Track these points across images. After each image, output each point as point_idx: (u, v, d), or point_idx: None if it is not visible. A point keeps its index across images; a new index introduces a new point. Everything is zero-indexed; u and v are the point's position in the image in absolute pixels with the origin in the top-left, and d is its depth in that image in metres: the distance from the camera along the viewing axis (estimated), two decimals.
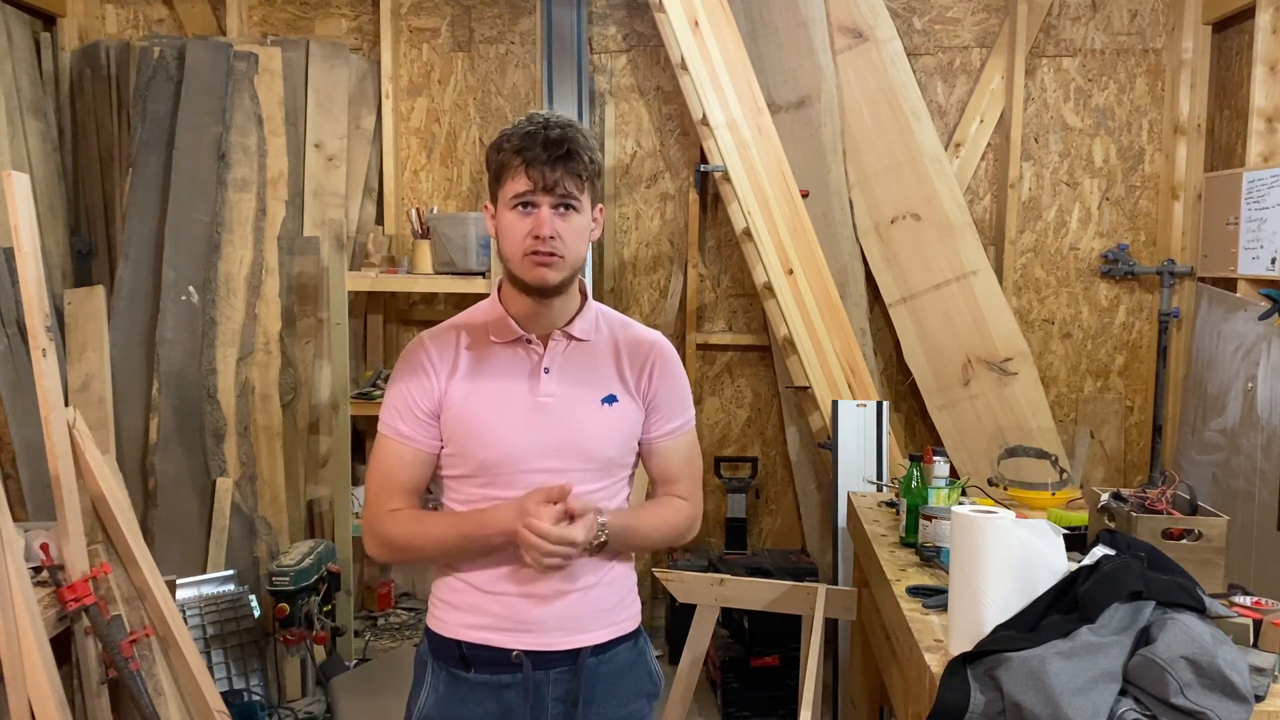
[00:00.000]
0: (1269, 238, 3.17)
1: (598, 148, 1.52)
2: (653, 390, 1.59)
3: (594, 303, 1.63)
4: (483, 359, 1.55)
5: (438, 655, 1.58)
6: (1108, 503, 2.00)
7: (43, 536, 2.27)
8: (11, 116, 3.53)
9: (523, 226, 1.47)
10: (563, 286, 1.53)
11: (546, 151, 1.44)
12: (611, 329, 1.62)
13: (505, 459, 1.51)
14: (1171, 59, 3.76)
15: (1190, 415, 3.63)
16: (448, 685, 1.56)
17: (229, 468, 3.47)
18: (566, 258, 1.48)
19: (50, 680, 2.11)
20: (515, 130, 1.49)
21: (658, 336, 1.65)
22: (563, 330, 1.56)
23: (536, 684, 1.53)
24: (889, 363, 3.95)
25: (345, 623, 3.53)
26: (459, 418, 1.52)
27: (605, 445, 1.55)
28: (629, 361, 1.59)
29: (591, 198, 1.52)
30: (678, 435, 1.63)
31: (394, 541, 1.53)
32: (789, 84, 3.73)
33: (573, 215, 1.48)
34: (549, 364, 1.54)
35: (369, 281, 3.65)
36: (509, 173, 1.47)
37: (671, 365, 1.62)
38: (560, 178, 1.45)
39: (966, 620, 1.51)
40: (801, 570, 3.46)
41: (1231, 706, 1.34)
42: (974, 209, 3.87)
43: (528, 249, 1.46)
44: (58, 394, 2.22)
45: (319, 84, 3.83)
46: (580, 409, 1.54)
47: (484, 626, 1.53)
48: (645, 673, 1.65)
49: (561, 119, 1.49)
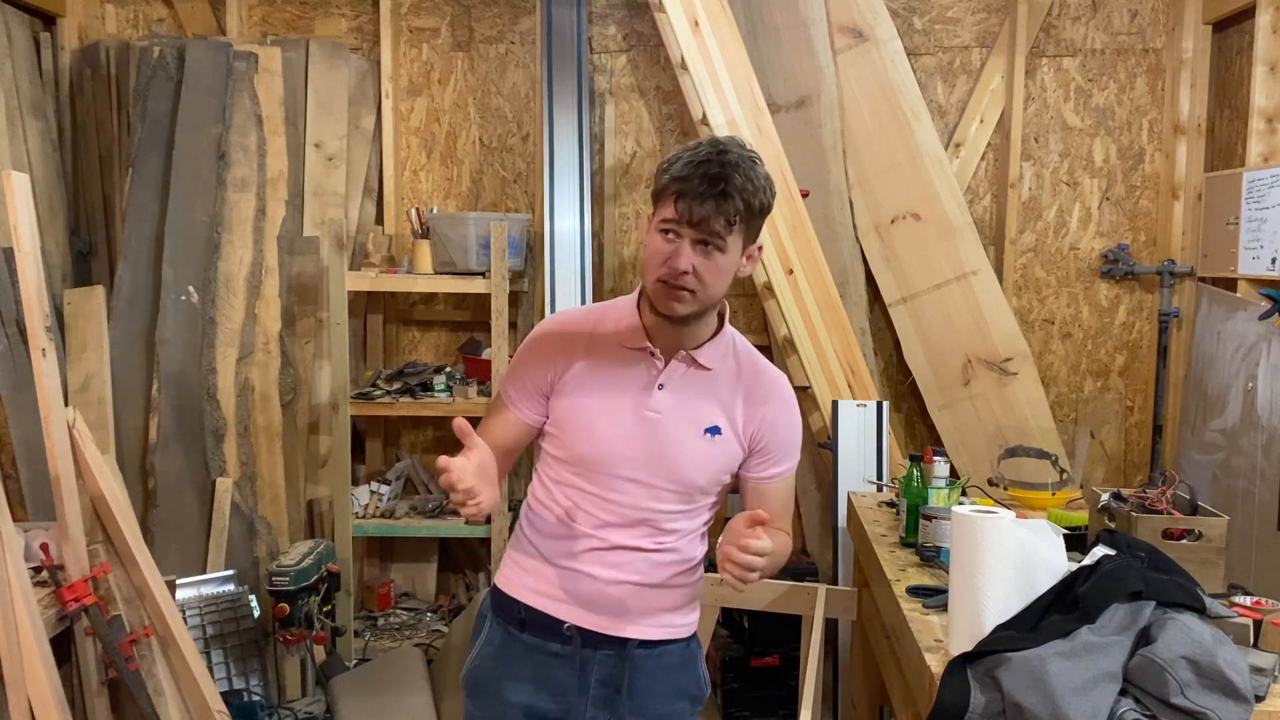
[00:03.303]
0: (1269, 238, 3.17)
1: (766, 185, 1.47)
2: (764, 431, 1.59)
3: (731, 331, 1.62)
4: (605, 357, 1.57)
5: (498, 612, 1.65)
6: (1108, 503, 2.00)
7: (43, 536, 2.27)
8: (11, 116, 3.53)
9: (663, 252, 1.46)
10: (691, 319, 1.53)
11: (703, 186, 1.42)
12: (739, 362, 1.61)
13: (600, 459, 1.55)
14: (1171, 59, 3.76)
15: (1190, 415, 3.63)
16: (503, 641, 1.62)
17: (229, 468, 3.47)
18: (699, 294, 1.47)
19: (50, 680, 2.11)
20: (684, 154, 1.47)
21: (781, 378, 1.64)
22: (689, 353, 1.56)
23: (584, 660, 1.58)
24: (889, 363, 3.94)
25: (345, 623, 3.53)
26: (568, 408, 1.57)
27: (697, 474, 1.56)
28: (745, 398, 1.59)
29: (745, 237, 1.48)
30: (782, 479, 1.64)
31: None
32: (789, 84, 3.73)
33: (715, 254, 1.45)
34: (664, 381, 1.55)
35: (369, 281, 3.65)
36: (664, 197, 1.46)
37: (789, 409, 1.63)
38: (708, 216, 1.42)
39: (966, 620, 1.51)
40: (801, 570, 3.45)
41: (1231, 706, 1.34)
42: (974, 209, 3.87)
43: (661, 276, 1.46)
44: (58, 394, 2.22)
45: (319, 84, 3.83)
46: (681, 433, 1.55)
47: (543, 593, 1.59)
48: (694, 676, 1.68)
49: (731, 156, 1.44)
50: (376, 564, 4.08)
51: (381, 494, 3.79)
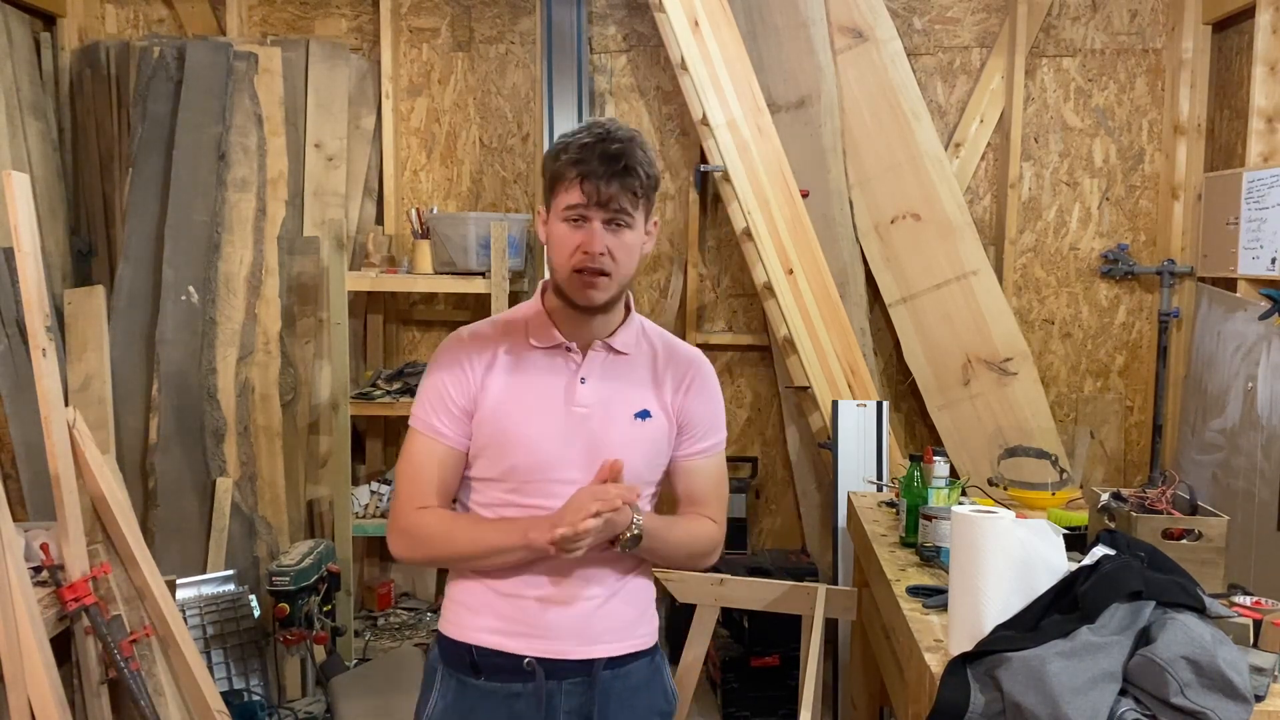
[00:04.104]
0: (1269, 238, 3.17)
1: (657, 160, 1.49)
2: (688, 408, 1.57)
3: (637, 316, 1.61)
4: (520, 361, 1.53)
5: (448, 661, 1.55)
6: (1108, 503, 2.00)
7: (43, 536, 2.27)
8: (11, 116, 3.53)
9: (573, 240, 1.44)
10: (609, 305, 1.51)
11: (604, 166, 1.41)
12: (653, 344, 1.60)
13: (535, 466, 1.49)
14: (1171, 59, 3.76)
15: (1190, 415, 3.63)
16: (457, 693, 1.53)
17: (229, 468, 3.47)
18: (615, 275, 1.46)
19: (50, 680, 2.11)
20: (574, 139, 1.45)
21: (698, 354, 1.63)
22: (604, 341, 1.54)
23: (549, 694, 1.49)
24: (889, 363, 3.94)
25: (345, 623, 3.53)
26: (492, 419, 1.50)
27: (635, 459, 1.52)
28: (667, 377, 1.57)
29: (646, 212, 1.49)
30: (709, 455, 1.61)
31: (420, 541, 1.51)
32: (789, 84, 3.73)
33: (625, 232, 1.45)
34: (586, 374, 1.52)
35: (369, 281, 3.65)
36: (564, 184, 1.44)
37: (709, 385, 1.61)
38: (615, 194, 1.42)
39: (966, 620, 1.51)
40: (801, 570, 3.45)
41: (1231, 706, 1.34)
42: (974, 209, 3.87)
43: (576, 264, 1.44)
44: (58, 394, 2.22)
45: (319, 84, 3.83)
46: (613, 422, 1.52)
47: (497, 630, 1.50)
48: (661, 691, 1.62)
49: (623, 131, 1.45)
50: (376, 564, 4.08)
51: (381, 494, 3.79)
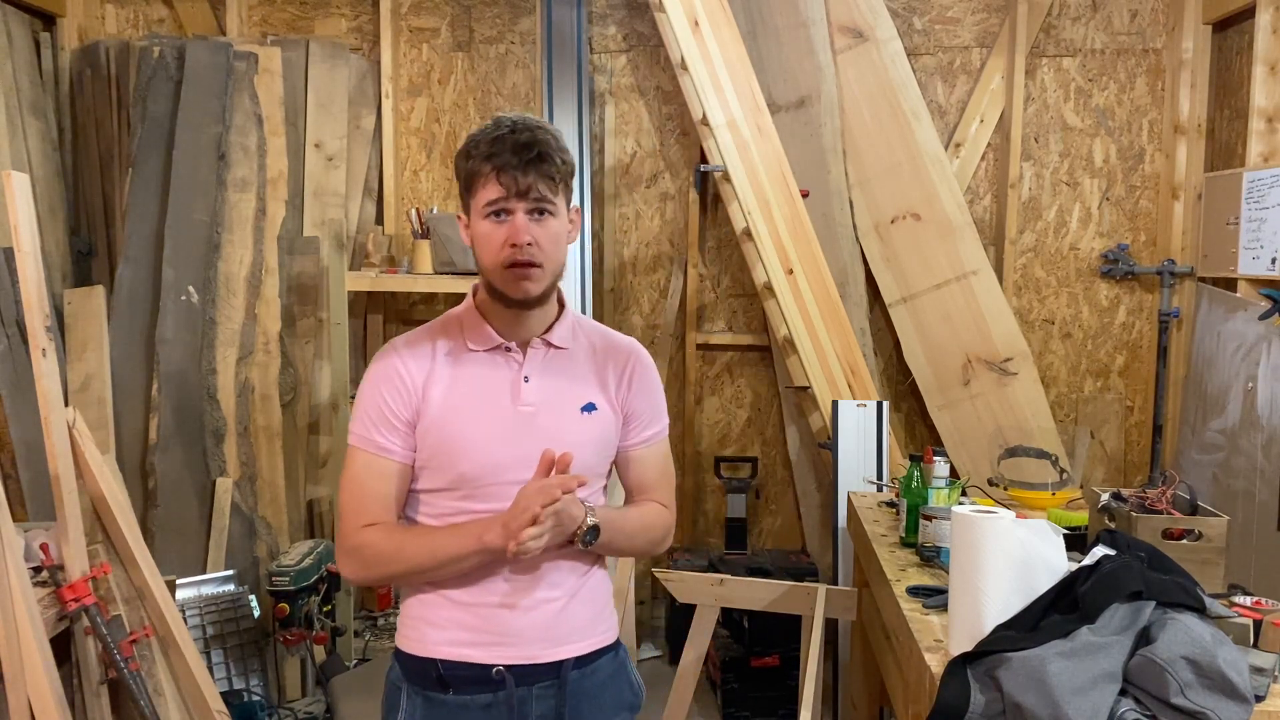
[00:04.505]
0: (1269, 238, 3.17)
1: (568, 147, 1.48)
2: (631, 397, 1.57)
3: (571, 310, 1.60)
4: (460, 367, 1.51)
5: (412, 679, 1.51)
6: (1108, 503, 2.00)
7: (43, 536, 2.27)
8: (11, 116, 3.53)
9: (499, 235, 1.42)
10: (544, 297, 1.49)
11: (517, 156, 1.40)
12: (589, 336, 1.59)
13: (485, 470, 1.46)
14: (1171, 59, 3.76)
15: (1190, 415, 3.63)
16: (425, 711, 1.49)
17: (229, 468, 3.47)
18: (546, 266, 1.45)
19: (50, 680, 2.11)
20: (483, 136, 1.44)
21: (635, 344, 1.63)
22: (542, 338, 1.53)
23: (520, 701, 1.48)
24: (889, 363, 3.94)
25: (345, 623, 3.53)
26: (437, 427, 1.47)
27: (586, 453, 1.50)
28: (608, 368, 1.57)
29: (566, 199, 1.48)
30: (654, 443, 1.61)
31: (369, 558, 1.47)
32: (789, 84, 3.73)
33: (549, 220, 1.44)
34: (529, 373, 1.51)
35: (369, 281, 3.65)
36: (480, 180, 1.43)
37: (649, 373, 1.61)
38: (533, 182, 1.41)
39: (966, 620, 1.51)
40: (801, 570, 3.46)
41: (1231, 706, 1.34)
42: (974, 209, 3.87)
43: (506, 259, 1.43)
44: (58, 394, 2.22)
45: (319, 84, 3.83)
46: (561, 418, 1.51)
47: (462, 642, 1.48)
48: (627, 684, 1.62)
49: (530, 120, 1.45)
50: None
51: None
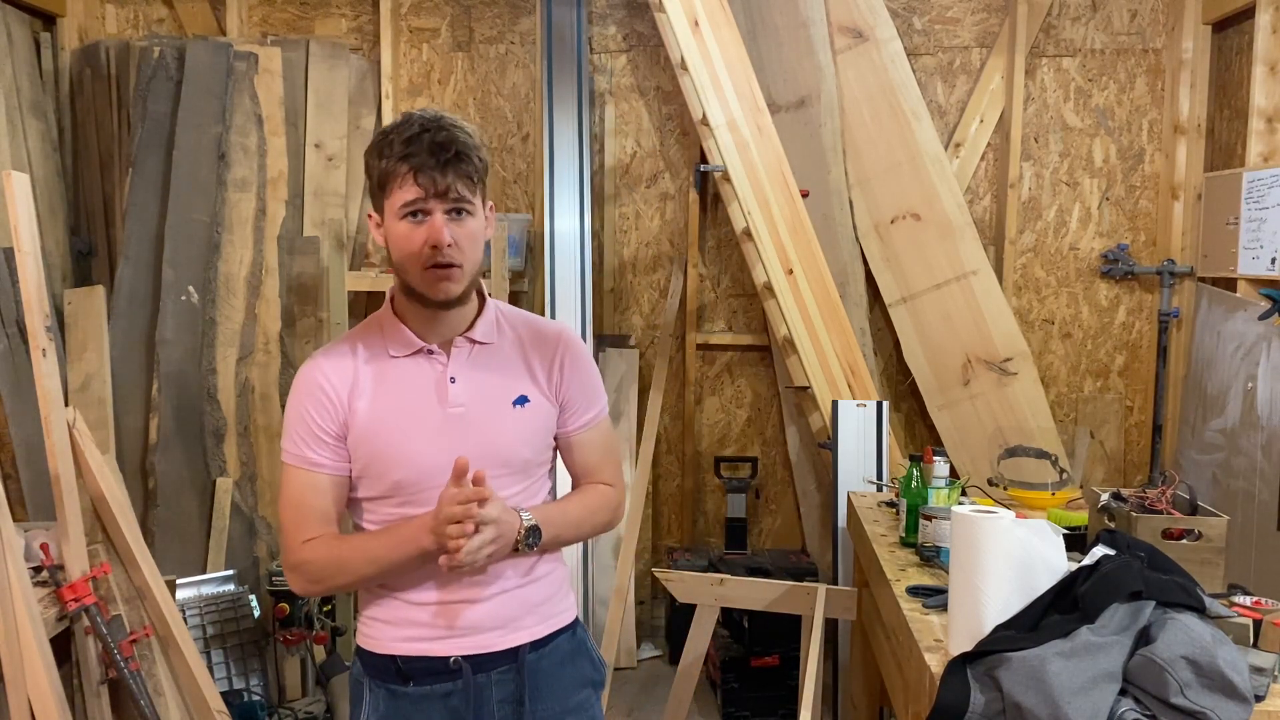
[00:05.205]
0: (1269, 238, 3.17)
1: (483, 144, 1.45)
2: (564, 384, 1.56)
3: (493, 301, 1.57)
4: (384, 374, 1.49)
5: (374, 674, 1.52)
6: (1108, 503, 2.00)
7: (43, 536, 2.27)
8: (11, 116, 3.53)
9: (417, 237, 1.39)
10: (464, 297, 1.47)
11: (434, 156, 1.37)
12: (514, 327, 1.57)
13: (420, 476, 1.45)
14: (1171, 59, 3.76)
15: (1190, 415, 3.63)
16: (388, 703, 1.51)
17: (229, 468, 3.47)
18: (465, 266, 1.42)
19: (50, 680, 2.11)
20: (396, 134, 1.40)
21: (563, 328, 1.60)
22: (464, 336, 1.51)
23: (479, 688, 1.49)
24: (889, 363, 3.94)
25: (345, 623, 3.53)
26: (367, 438, 1.46)
27: (522, 448, 1.50)
28: (537, 358, 1.55)
29: (483, 197, 1.46)
30: (593, 426, 1.60)
31: (313, 573, 1.47)
32: (789, 84, 3.73)
33: (467, 219, 1.42)
34: (454, 373, 1.49)
35: (369, 281, 3.65)
36: (395, 180, 1.39)
37: (581, 357, 1.58)
38: (451, 182, 1.38)
39: (966, 620, 1.51)
40: (801, 570, 3.46)
41: (1231, 706, 1.34)
42: (974, 209, 3.87)
43: (426, 261, 1.40)
44: (58, 394, 2.22)
45: (319, 84, 3.83)
46: (492, 415, 1.49)
47: (418, 638, 1.49)
48: (587, 661, 1.62)
49: (445, 118, 1.42)
50: None
51: None
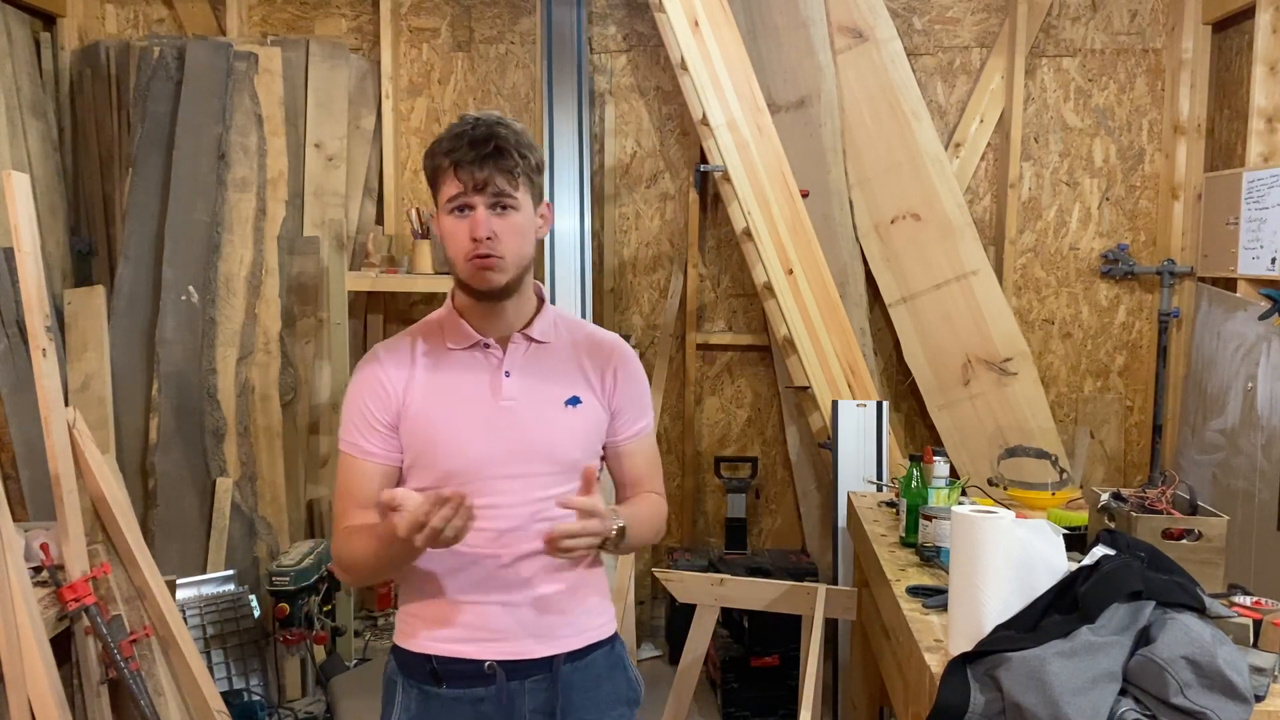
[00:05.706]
0: (1269, 238, 3.17)
1: (534, 144, 1.49)
2: (618, 392, 1.58)
3: (551, 306, 1.60)
4: (440, 366, 1.52)
5: (408, 673, 1.54)
6: (1108, 503, 2.00)
7: (43, 536, 2.27)
8: (11, 116, 3.53)
9: (462, 230, 1.44)
10: (511, 288, 1.49)
11: (474, 150, 1.42)
12: (570, 331, 1.60)
13: (469, 466, 1.47)
14: (1171, 59, 3.76)
15: (1190, 415, 3.63)
16: (420, 704, 1.52)
17: (229, 468, 3.47)
18: (507, 257, 1.45)
19: (50, 680, 2.11)
20: (446, 134, 1.47)
21: (617, 339, 1.63)
22: (521, 333, 1.53)
23: (511, 695, 1.50)
24: (889, 363, 3.94)
25: (345, 623, 3.53)
26: (420, 427, 1.49)
27: (570, 448, 1.51)
28: (591, 364, 1.57)
29: (532, 195, 1.48)
30: (643, 436, 1.62)
31: (341, 562, 1.51)
32: (789, 84, 3.73)
33: (511, 214, 1.45)
34: (509, 367, 1.51)
35: (369, 281, 3.65)
36: (442, 177, 1.45)
37: (633, 368, 1.61)
38: (490, 176, 1.42)
39: (966, 620, 1.51)
40: (801, 570, 3.46)
41: (1231, 706, 1.34)
42: (974, 209, 3.87)
43: (469, 252, 1.44)
44: (58, 394, 2.22)
45: (319, 84, 3.83)
46: (544, 412, 1.51)
47: (455, 639, 1.50)
48: (624, 679, 1.61)
49: (491, 116, 1.46)
50: None
51: None
